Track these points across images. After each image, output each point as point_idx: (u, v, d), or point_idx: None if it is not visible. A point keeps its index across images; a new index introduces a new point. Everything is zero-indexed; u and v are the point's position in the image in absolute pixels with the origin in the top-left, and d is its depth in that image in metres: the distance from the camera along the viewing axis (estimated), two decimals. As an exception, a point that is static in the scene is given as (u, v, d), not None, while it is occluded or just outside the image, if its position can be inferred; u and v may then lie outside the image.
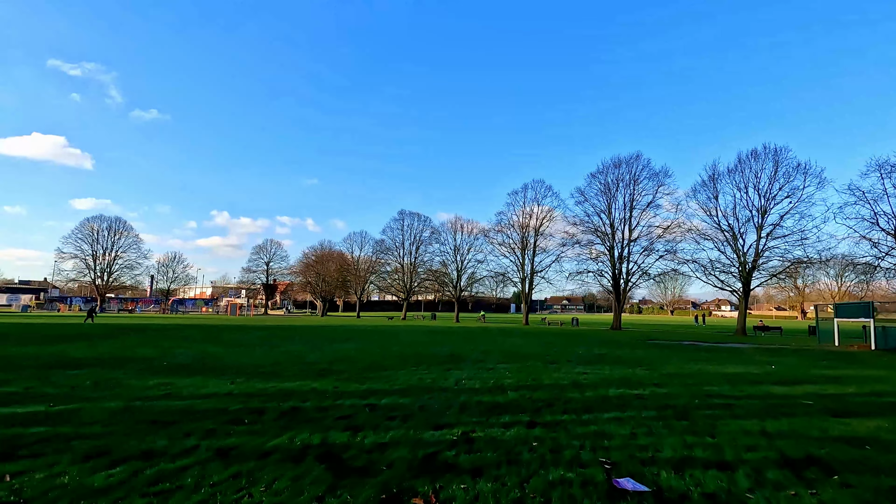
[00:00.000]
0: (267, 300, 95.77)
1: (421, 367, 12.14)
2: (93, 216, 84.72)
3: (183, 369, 10.99)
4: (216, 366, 11.69)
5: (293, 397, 7.93)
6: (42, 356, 12.80)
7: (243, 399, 7.66)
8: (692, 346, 23.42)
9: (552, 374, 11.52)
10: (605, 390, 9.28)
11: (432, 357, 14.71)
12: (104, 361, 12.01)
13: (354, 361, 13.22)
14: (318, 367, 11.88)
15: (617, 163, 43.32)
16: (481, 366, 12.74)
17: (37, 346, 15.91)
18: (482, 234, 59.21)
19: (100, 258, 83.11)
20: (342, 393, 8.44)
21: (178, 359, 13.06)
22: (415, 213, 67.34)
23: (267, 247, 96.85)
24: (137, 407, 6.90)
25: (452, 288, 61.82)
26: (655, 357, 16.52)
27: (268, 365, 12.06)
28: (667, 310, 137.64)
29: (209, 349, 16.18)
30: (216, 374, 10.36)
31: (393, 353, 15.65)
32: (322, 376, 10.30)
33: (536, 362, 13.85)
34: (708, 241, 38.45)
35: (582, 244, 45.31)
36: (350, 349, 17.06)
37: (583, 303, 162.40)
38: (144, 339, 20.06)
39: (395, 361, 13.47)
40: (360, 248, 79.47)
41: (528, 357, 15.35)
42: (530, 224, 51.67)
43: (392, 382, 9.69)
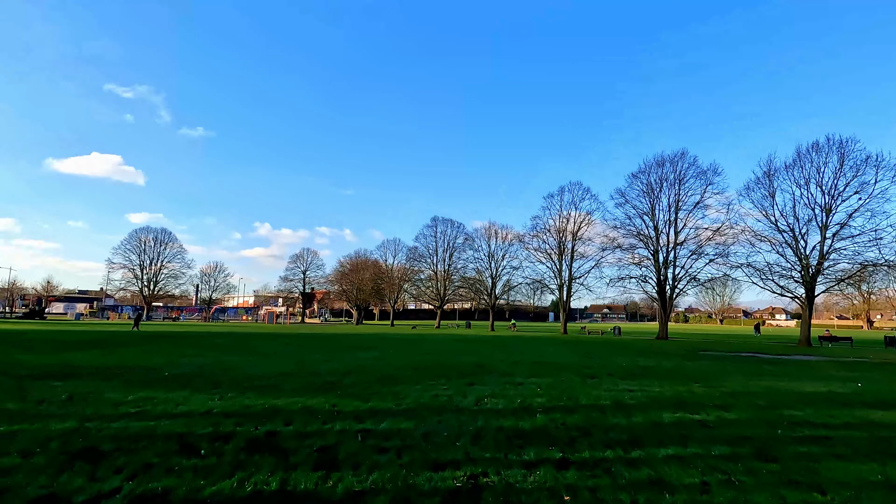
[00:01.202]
0: (304, 309, 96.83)
1: (439, 381, 10.71)
2: (140, 228, 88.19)
3: (177, 381, 10.00)
4: (218, 377, 10.67)
5: (277, 418, 6.67)
6: (40, 365, 12.18)
7: (217, 420, 6.47)
8: (751, 358, 20.91)
9: (591, 390, 9.83)
10: (657, 414, 7.56)
11: (455, 368, 13.25)
12: (101, 371, 11.21)
13: (368, 373, 11.94)
14: (326, 379, 10.65)
15: (660, 161, 40.71)
16: (509, 380, 11.17)
17: (48, 353, 15.50)
18: (517, 240, 57.29)
19: (147, 268, 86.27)
20: (337, 413, 7.13)
21: (184, 368, 12.16)
22: (448, 220, 66.20)
23: (304, 256, 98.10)
24: (87, 429, 5.81)
25: (487, 296, 60.05)
26: (712, 371, 14.43)
27: (273, 376, 10.94)
28: (715, 318, 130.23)
29: (226, 358, 15.33)
30: (211, 386, 9.29)
31: (413, 364, 14.28)
32: (324, 391, 9.04)
33: (573, 376, 12.15)
34: (764, 242, 35.24)
35: (623, 248, 42.75)
36: (369, 359, 15.82)
37: (624, 311, 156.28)
38: (167, 347, 19.55)
39: (412, 373, 12.10)
40: (394, 256, 78.99)
41: (564, 369, 13.64)
42: (567, 228, 49.42)
43: (400, 400, 8.31)
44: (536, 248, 52.05)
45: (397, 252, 77.92)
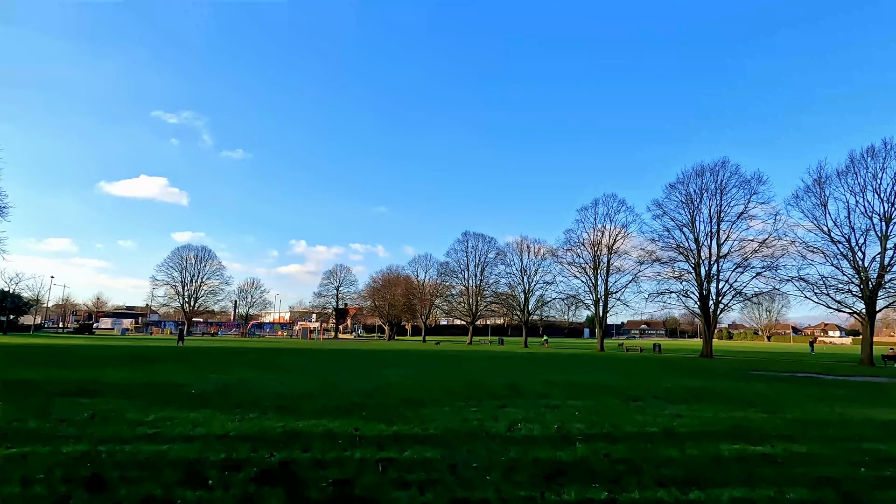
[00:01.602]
0: (337, 324, 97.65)
1: (470, 403, 10.08)
2: (182, 246, 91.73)
3: (201, 399, 9.77)
4: (241, 396, 10.39)
5: (295, 443, 6.23)
6: (74, 380, 12.26)
7: (233, 444, 6.08)
8: (810, 378, 19.29)
9: (635, 415, 9.00)
10: (713, 445, 6.72)
11: (487, 389, 12.58)
12: (129, 388, 11.14)
13: (394, 393, 11.43)
14: (350, 399, 10.20)
15: (699, 171, 39.12)
16: (544, 402, 10.43)
17: (85, 369, 15.74)
18: (550, 255, 56.15)
19: (188, 285, 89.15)
20: (359, 438, 6.63)
21: (210, 386, 11.98)
22: (479, 235, 65.68)
23: (337, 272, 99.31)
24: (98, 454, 5.51)
25: (520, 311, 58.89)
26: (769, 394, 13.22)
27: (297, 395, 10.58)
28: (762, 335, 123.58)
29: (253, 375, 15.17)
30: (232, 406, 8.99)
31: (442, 383, 13.70)
32: (347, 413, 8.58)
33: (614, 398, 11.28)
34: (817, 254, 33.10)
35: (662, 262, 41.10)
36: (397, 377, 15.34)
37: (664, 327, 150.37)
38: (199, 363, 19.67)
39: (441, 394, 11.51)
40: (426, 272, 78.86)
41: (603, 391, 12.75)
42: (602, 242, 48.08)
43: (427, 424, 7.75)
44: (570, 262, 50.90)
45: (429, 267, 77.80)
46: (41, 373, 14.03)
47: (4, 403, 8.63)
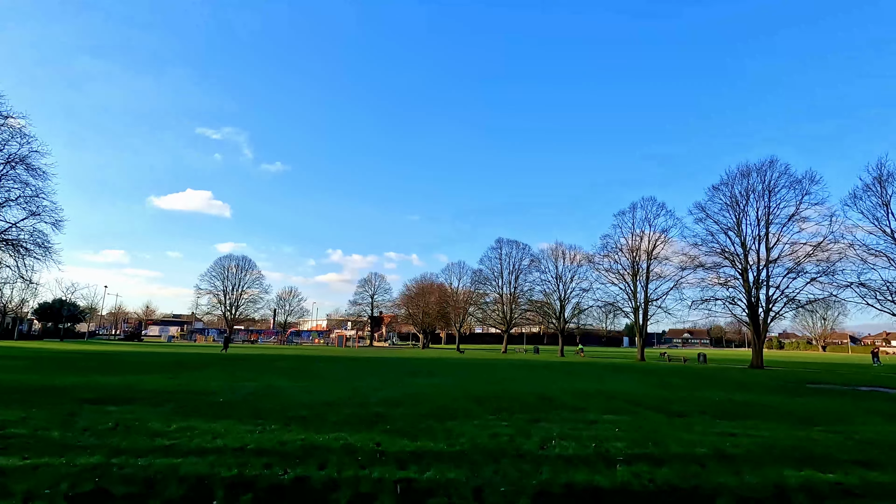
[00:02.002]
0: (372, 332, 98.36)
1: (501, 416, 9.54)
2: (223, 256, 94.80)
3: (226, 408, 9.64)
4: (266, 405, 10.22)
5: (312, 458, 5.89)
6: (106, 387, 12.46)
7: (247, 459, 5.79)
8: (876, 393, 17.64)
9: (681, 433, 8.23)
10: (775, 470, 5.94)
11: (519, 400, 11.97)
12: (159, 396, 11.18)
13: (422, 403, 11.00)
14: (375, 410, 9.85)
15: (745, 172, 37.11)
16: (580, 417, 9.76)
17: (123, 375, 16.09)
18: (586, 261, 54.62)
19: (229, 293, 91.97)
20: (379, 454, 6.23)
21: (239, 394, 11.91)
22: (513, 241, 64.83)
23: (371, 280, 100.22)
24: (109, 467, 5.33)
25: (555, 319, 57.45)
26: (832, 410, 12.03)
27: (322, 405, 10.32)
28: (816, 345, 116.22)
29: (283, 383, 15.11)
30: (256, 416, 8.79)
31: (472, 393, 13.17)
32: (371, 425, 8.21)
33: (656, 413, 10.47)
34: (880, 258, 30.60)
35: (706, 268, 39.06)
36: (426, 386, 14.92)
37: (708, 336, 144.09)
38: (233, 371, 19.89)
39: (470, 404, 11.00)
40: (459, 279, 78.44)
41: (644, 404, 11.91)
42: (641, 247, 46.34)
43: (453, 439, 7.28)
44: (607, 268, 49.30)
45: (462, 275, 77.36)
46: (81, 379, 14.39)
47: (38, 410, 8.74)
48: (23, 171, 37.43)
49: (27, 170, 37.55)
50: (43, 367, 18.11)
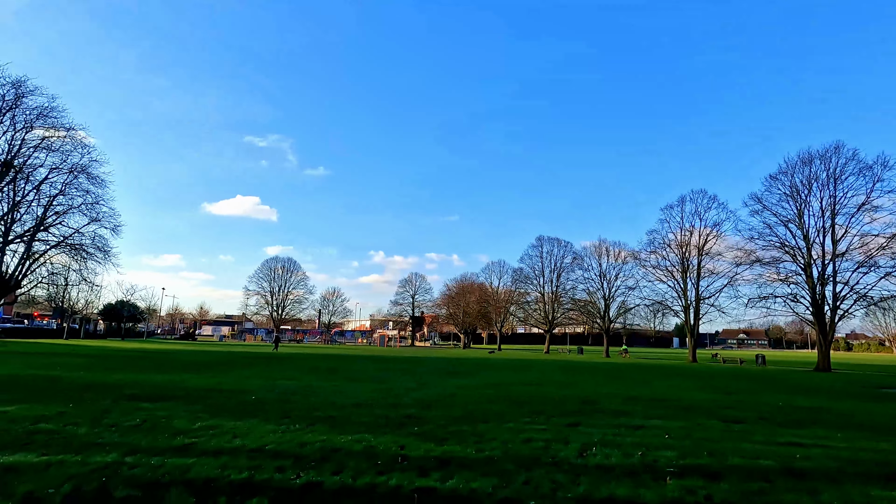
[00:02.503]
0: (413, 332, 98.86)
1: (537, 420, 8.93)
2: (270, 258, 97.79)
3: (256, 407, 9.53)
4: (296, 404, 10.05)
5: (328, 462, 5.55)
6: (147, 384, 12.72)
7: (261, 462, 5.52)
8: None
9: (740, 443, 7.36)
10: (859, 490, 5.09)
11: (558, 403, 11.28)
12: (194, 393, 11.27)
13: (455, 405, 10.53)
14: (405, 411, 9.47)
15: (807, 159, 34.45)
16: (624, 421, 9.00)
17: (167, 373, 16.50)
18: (632, 258, 52.51)
19: (276, 294, 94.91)
20: (401, 459, 5.82)
21: (273, 393, 11.85)
22: (554, 239, 63.30)
23: (412, 280, 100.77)
24: (119, 466, 5.18)
25: (600, 319, 55.56)
26: (918, 419, 10.63)
27: (351, 405, 10.04)
28: (890, 346, 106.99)
29: (318, 382, 15.03)
30: (283, 415, 8.60)
31: (509, 396, 12.57)
32: (397, 427, 7.82)
33: (711, 420, 9.54)
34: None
35: (763, 263, 36.59)
36: (462, 387, 14.43)
37: (766, 336, 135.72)
38: (273, 370, 20.13)
39: (505, 407, 10.44)
40: (499, 279, 77.53)
41: (697, 409, 10.95)
42: (691, 242, 44.08)
43: (484, 443, 6.77)
44: (655, 265, 47.22)
45: (502, 274, 76.42)
46: (129, 376, 14.83)
47: (76, 405, 8.90)
48: (84, 180, 39.88)
49: (88, 178, 39.98)
50: (98, 365, 18.92)
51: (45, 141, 36.36)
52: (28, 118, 35.55)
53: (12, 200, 37.41)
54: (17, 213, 37.53)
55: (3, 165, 32.36)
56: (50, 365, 17.88)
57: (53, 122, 35.97)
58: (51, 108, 35.99)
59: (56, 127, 36.06)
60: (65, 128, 36.61)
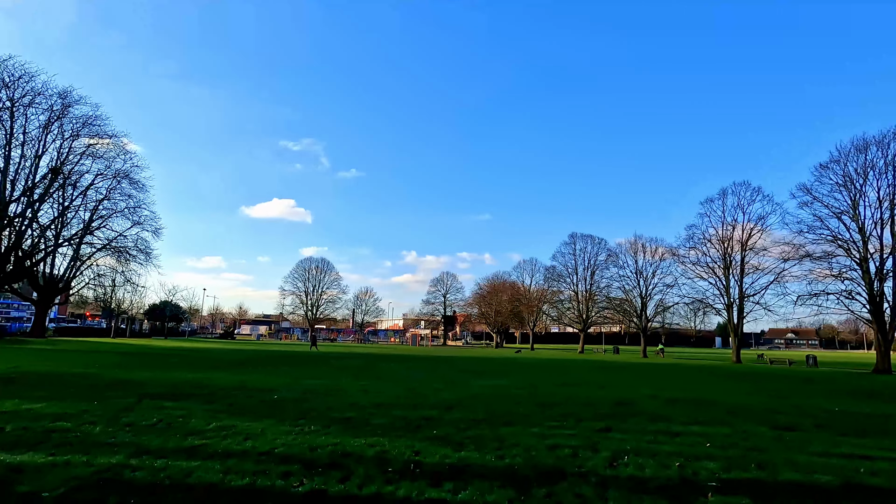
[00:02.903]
0: (445, 331, 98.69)
1: (566, 423, 8.38)
2: (304, 259, 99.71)
3: (274, 407, 9.37)
4: (316, 405, 9.83)
5: (335, 469, 5.21)
6: (173, 383, 12.81)
7: (267, 467, 5.25)
8: None
9: (792, 453, 6.62)
10: (939, 514, 4.36)
11: (589, 405, 10.65)
12: (216, 392, 11.22)
13: (479, 406, 10.08)
14: (425, 413, 9.09)
15: (861, 146, 32.14)
16: (662, 426, 8.33)
17: (194, 371, 16.70)
18: (670, 255, 50.51)
19: (310, 294, 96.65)
20: (413, 465, 5.43)
21: (295, 392, 11.71)
22: (587, 236, 61.76)
23: (444, 279, 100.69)
24: (121, 469, 5.00)
25: (636, 318, 53.74)
26: None
27: (372, 406, 9.75)
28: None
29: (342, 382, 14.86)
30: (300, 416, 8.38)
31: (538, 397, 12.00)
32: (414, 430, 7.45)
33: (758, 426, 8.73)
34: None
35: (814, 258, 34.35)
36: (489, 388, 13.95)
37: (817, 336, 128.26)
38: (301, 368, 20.20)
39: (533, 408, 9.91)
40: (531, 277, 76.40)
41: (742, 414, 10.10)
42: (734, 237, 41.97)
43: (505, 450, 6.30)
44: (695, 262, 45.19)
45: (535, 272, 75.30)
46: (160, 374, 15.07)
47: (99, 403, 8.95)
48: (127, 185, 41.62)
49: (130, 183, 41.68)
50: (134, 363, 19.44)
51: (90, 148, 38.18)
52: (74, 127, 37.41)
53: (61, 206, 39.41)
54: (65, 217, 39.53)
55: (52, 172, 34.04)
56: (89, 363, 18.46)
57: (97, 129, 37.79)
58: (95, 117, 37.79)
59: (100, 135, 37.85)
60: (107, 135, 38.34)
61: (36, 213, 37.26)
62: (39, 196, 35.96)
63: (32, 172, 35.27)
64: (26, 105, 33.85)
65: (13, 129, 33.68)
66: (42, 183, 34.74)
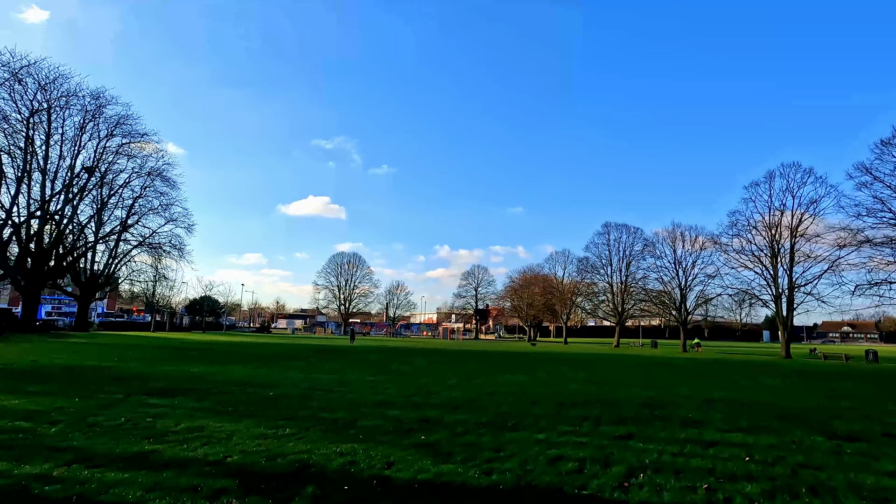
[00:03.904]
0: (477, 325, 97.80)
1: (580, 428, 7.33)
2: (336, 253, 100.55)
3: (265, 405, 8.75)
4: (309, 403, 9.15)
5: (281, 488, 4.42)
6: (180, 377, 12.47)
7: (205, 481, 4.51)
8: None
9: (856, 471, 5.37)
10: None
11: (613, 406, 9.51)
12: (213, 388, 10.73)
13: (488, 406, 9.14)
14: (424, 413, 8.23)
15: (930, 118, 28.90)
16: (693, 434, 7.15)
17: (206, 365, 16.44)
18: (711, 244, 47.66)
19: (343, 288, 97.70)
20: (379, 482, 4.57)
21: (298, 388, 11.12)
22: (622, 225, 59.31)
23: (475, 273, 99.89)
24: (47, 480, 4.37)
25: (675, 310, 51.15)
26: None
27: (372, 404, 8.98)
28: None
29: (354, 376, 14.23)
30: (285, 415, 7.70)
31: (557, 395, 10.92)
32: (405, 434, 6.59)
33: (812, 435, 7.41)
34: None
35: (875, 244, 31.41)
36: (509, 384, 12.96)
37: (877, 330, 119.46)
38: (319, 362, 19.77)
39: (548, 409, 8.89)
40: (564, 269, 74.30)
41: (793, 419, 8.74)
42: (782, 223, 39.04)
43: (497, 462, 5.35)
44: (738, 250, 42.37)
45: (567, 264, 73.17)
46: (166, 367, 14.84)
47: (82, 400, 8.55)
48: (160, 183, 42.62)
49: (163, 181, 42.65)
50: (157, 356, 19.47)
51: (123, 147, 39.28)
52: (108, 126, 38.43)
53: (99, 203, 40.77)
54: (102, 215, 40.91)
55: (86, 171, 35.10)
56: (111, 356, 18.57)
57: (129, 129, 38.72)
58: (126, 116, 38.74)
59: (132, 133, 38.81)
60: (139, 134, 39.29)
61: (76, 210, 38.68)
62: (76, 193, 37.29)
63: (71, 171, 36.60)
64: (62, 107, 35.08)
65: (51, 129, 34.99)
66: (78, 181, 35.99)
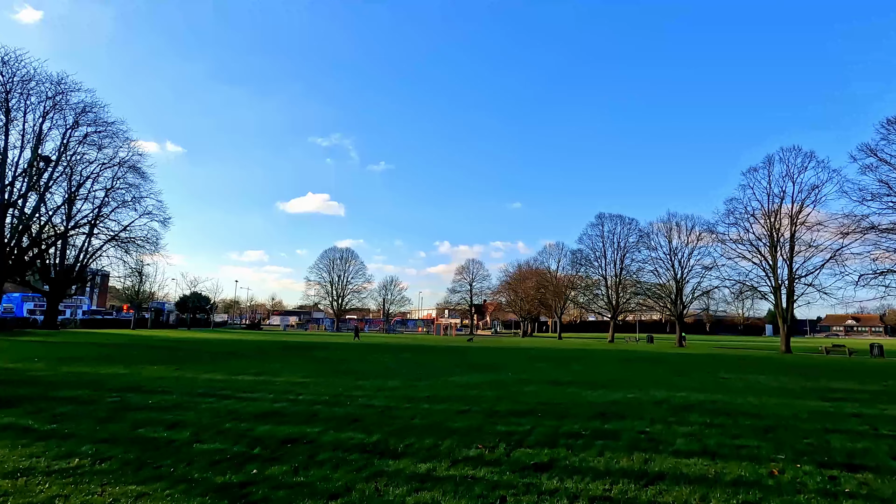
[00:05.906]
0: (473, 320, 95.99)
1: (492, 451, 5.58)
2: (329, 249, 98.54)
3: (89, 420, 7.02)
4: (182, 412, 7.46)
5: None
6: (101, 381, 10.76)
7: None
8: None
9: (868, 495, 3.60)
10: None
11: (560, 416, 7.73)
12: (98, 394, 9.04)
13: (401, 418, 7.37)
14: (303, 429, 6.49)
15: (940, 95, 26.94)
16: (640, 461, 5.38)
17: (159, 364, 14.75)
18: (707, 234, 45.82)
19: (336, 284, 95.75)
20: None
21: (190, 394, 9.42)
22: (616, 216, 57.32)
23: (469, 268, 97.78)
24: None
25: (671, 303, 49.30)
26: None
27: (246, 416, 7.24)
28: None
29: (281, 378, 12.53)
30: (92, 436, 5.98)
31: (500, 400, 9.12)
32: (237, 467, 4.86)
33: (799, 460, 5.63)
34: None
35: (880, 230, 29.54)
36: (458, 386, 11.19)
37: (881, 322, 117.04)
38: (277, 361, 18.04)
39: (473, 421, 7.12)
40: (558, 262, 72.41)
41: (780, 433, 6.96)
42: (781, 210, 37.16)
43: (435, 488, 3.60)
44: (736, 239, 40.50)
45: (561, 257, 71.27)
46: (67, 369, 13.17)
47: None
48: (132, 176, 40.84)
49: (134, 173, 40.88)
50: (113, 356, 17.70)
51: (89, 137, 37.44)
52: (74, 114, 36.47)
53: (68, 193, 38.92)
54: (72, 207, 39.15)
55: (43, 160, 33.33)
56: (50, 355, 16.88)
57: (95, 117, 36.87)
58: (93, 104, 36.89)
59: (98, 122, 36.97)
60: (106, 122, 37.47)
61: (42, 200, 36.73)
62: (43, 185, 35.51)
63: (33, 161, 34.78)
64: (21, 92, 33.22)
65: (9, 113, 32.98)
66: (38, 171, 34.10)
